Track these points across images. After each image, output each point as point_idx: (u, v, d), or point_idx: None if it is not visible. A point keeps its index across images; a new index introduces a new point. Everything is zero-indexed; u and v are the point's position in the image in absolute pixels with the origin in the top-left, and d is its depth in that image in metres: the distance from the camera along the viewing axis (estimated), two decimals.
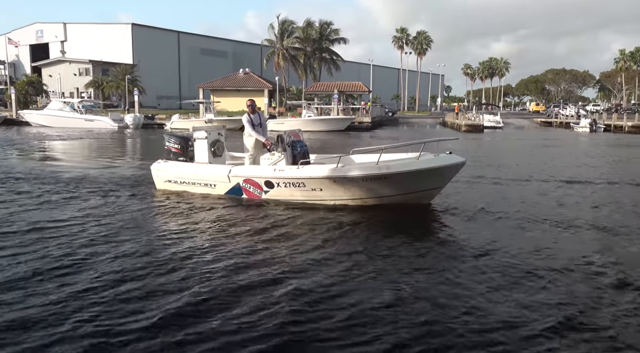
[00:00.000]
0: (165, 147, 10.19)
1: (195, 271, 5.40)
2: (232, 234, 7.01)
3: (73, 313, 4.29)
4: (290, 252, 6.16)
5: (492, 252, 6.20)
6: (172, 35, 79.24)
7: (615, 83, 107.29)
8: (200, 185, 9.57)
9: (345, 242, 6.69)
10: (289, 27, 60.32)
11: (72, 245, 6.24)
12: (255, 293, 4.79)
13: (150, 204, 9.03)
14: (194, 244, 6.47)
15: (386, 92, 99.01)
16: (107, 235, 6.75)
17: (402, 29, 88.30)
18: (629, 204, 9.41)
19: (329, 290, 4.88)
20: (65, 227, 7.19)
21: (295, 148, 9.08)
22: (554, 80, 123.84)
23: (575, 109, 65.45)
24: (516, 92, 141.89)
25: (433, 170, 8.18)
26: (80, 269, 5.39)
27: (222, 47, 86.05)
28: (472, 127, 42.11)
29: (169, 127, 42.80)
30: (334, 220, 7.76)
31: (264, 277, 5.26)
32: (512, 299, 4.73)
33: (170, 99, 73.73)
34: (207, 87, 58.22)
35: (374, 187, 8.34)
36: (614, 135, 38.96)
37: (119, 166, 15.18)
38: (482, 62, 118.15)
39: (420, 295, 4.80)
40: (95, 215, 7.97)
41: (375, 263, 5.76)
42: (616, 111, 62.97)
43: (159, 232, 7.09)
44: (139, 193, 9.98)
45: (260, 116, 9.87)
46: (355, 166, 8.66)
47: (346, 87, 52.45)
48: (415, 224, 7.86)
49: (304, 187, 8.58)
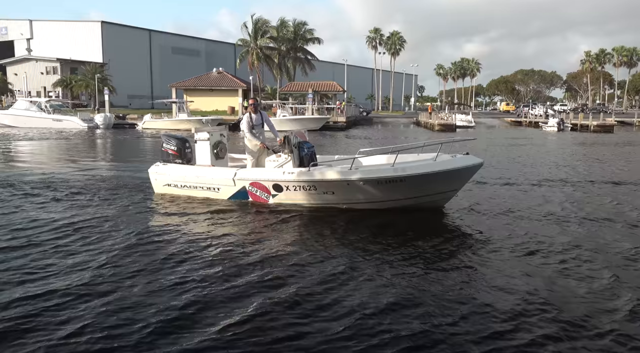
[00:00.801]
0: (162, 149, 9.65)
1: (203, 281, 5.12)
2: (240, 240, 6.65)
3: (63, 324, 4.15)
4: (303, 259, 5.88)
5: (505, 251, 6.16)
6: (144, 34, 77.89)
7: (582, 83, 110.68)
8: (203, 189, 9.07)
9: (357, 247, 6.38)
10: (263, 26, 60.01)
11: (62, 259, 5.80)
12: (264, 300, 4.65)
13: (149, 210, 8.51)
14: (199, 252, 6.11)
15: (360, 91, 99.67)
16: (102, 245, 6.29)
17: (376, 29, 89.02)
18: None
19: (339, 299, 4.70)
20: (51, 239, 6.59)
21: (302, 149, 8.67)
22: (523, 80, 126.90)
23: (543, 109, 67.24)
24: (487, 92, 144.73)
25: (452, 172, 7.84)
26: (70, 282, 5.03)
27: (195, 45, 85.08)
28: (445, 127, 42.73)
29: (140, 127, 42.04)
30: (345, 225, 7.45)
31: (271, 282, 5.11)
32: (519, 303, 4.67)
33: (142, 98, 72.47)
34: (179, 86, 57.37)
35: (389, 190, 7.94)
36: (580, 134, 40.17)
37: (103, 168, 14.59)
38: (454, 63, 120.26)
39: (432, 302, 4.66)
40: (89, 224, 7.37)
41: (388, 271, 5.52)
42: (582, 111, 65.05)
43: (160, 241, 6.60)
44: (136, 198, 9.40)
45: (263, 115, 9.39)
46: (370, 168, 8.28)
47: (321, 87, 52.52)
48: (432, 229, 7.52)
49: (314, 191, 8.20)
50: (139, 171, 13.44)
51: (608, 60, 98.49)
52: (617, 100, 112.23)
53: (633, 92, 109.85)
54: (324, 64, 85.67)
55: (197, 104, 50.41)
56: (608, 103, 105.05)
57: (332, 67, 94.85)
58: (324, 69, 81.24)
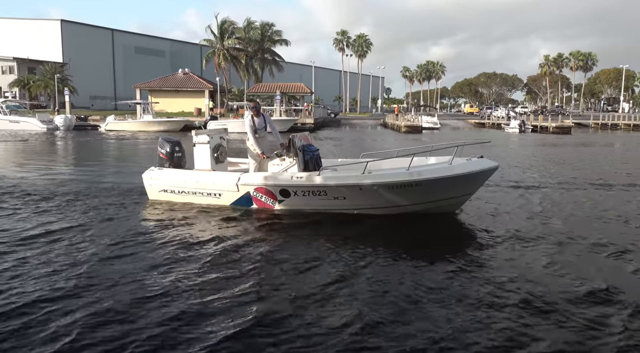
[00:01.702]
0: (158, 153, 9.22)
1: (204, 292, 4.82)
2: (245, 250, 6.26)
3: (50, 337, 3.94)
4: (314, 267, 5.62)
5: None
6: (106, 33, 75.86)
7: (541, 86, 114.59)
8: (203, 195, 8.57)
9: (370, 255, 6.09)
10: (229, 27, 59.46)
11: (46, 270, 5.43)
12: (272, 310, 4.46)
13: (143, 218, 7.95)
14: (201, 262, 5.76)
15: (328, 93, 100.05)
16: (93, 256, 5.86)
17: (343, 32, 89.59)
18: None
19: (355, 309, 4.48)
20: (33, 249, 6.15)
21: (307, 153, 8.34)
22: (486, 83, 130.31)
23: (505, 111, 69.30)
24: (452, 95, 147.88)
25: (468, 176, 7.62)
26: (62, 295, 4.74)
27: (159, 46, 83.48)
28: (412, 128, 43.42)
29: (103, 129, 40.95)
30: (357, 231, 7.15)
31: (279, 292, 4.89)
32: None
33: (104, 99, 70.60)
34: (144, 87, 56.23)
35: (403, 195, 7.67)
36: (540, 135, 41.55)
37: (81, 172, 13.85)
38: (420, 65, 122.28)
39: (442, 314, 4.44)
40: (79, 234, 6.83)
41: (402, 281, 5.26)
42: (542, 113, 67.27)
43: (156, 252, 6.13)
44: (128, 205, 8.81)
45: (266, 118, 8.95)
46: (384, 173, 7.95)
47: (288, 88, 52.47)
48: (447, 236, 7.31)
49: (324, 196, 7.83)
50: (121, 175, 13.06)
51: (565, 64, 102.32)
52: (574, 102, 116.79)
53: (589, 95, 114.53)
54: (292, 66, 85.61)
55: (162, 105, 49.49)
56: (566, 105, 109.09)
57: (300, 68, 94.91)
58: (291, 71, 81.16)
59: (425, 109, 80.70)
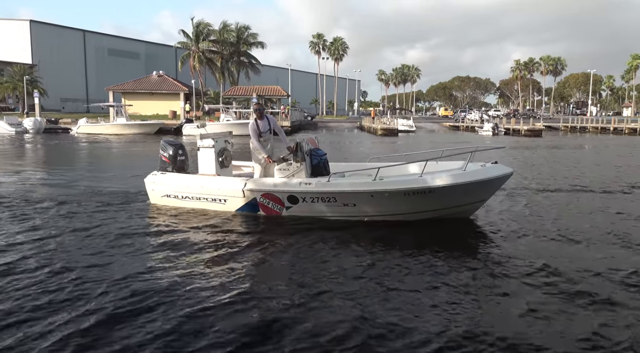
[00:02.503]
0: (160, 157, 8.98)
1: (210, 303, 4.65)
2: (252, 258, 6.03)
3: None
4: (326, 277, 5.42)
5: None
6: (77, 34, 74.25)
7: (513, 90, 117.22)
8: (207, 201, 8.32)
9: (380, 262, 5.91)
10: (205, 29, 58.94)
11: (48, 278, 5.29)
12: (281, 321, 4.32)
13: (145, 224, 7.67)
14: (205, 270, 5.57)
15: (305, 96, 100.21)
16: (94, 265, 5.66)
17: (319, 35, 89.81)
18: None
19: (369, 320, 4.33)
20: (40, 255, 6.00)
21: (315, 157, 8.16)
22: (460, 86, 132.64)
23: (479, 114, 70.65)
24: (427, 98, 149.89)
25: (483, 183, 7.41)
26: (64, 304, 4.61)
27: (133, 48, 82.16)
28: (388, 131, 43.80)
29: (75, 132, 40.05)
30: (367, 239, 6.90)
31: (287, 302, 4.72)
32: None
33: (76, 101, 69.09)
34: (117, 89, 55.27)
35: (415, 202, 7.44)
36: (513, 137, 42.45)
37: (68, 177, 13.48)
38: (395, 69, 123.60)
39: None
40: (77, 242, 6.63)
41: (416, 293, 5.02)
42: (514, 116, 68.88)
43: (158, 259, 5.92)
44: (130, 210, 8.53)
45: (269, 121, 8.63)
46: (396, 179, 7.69)
47: (265, 91, 52.26)
48: (461, 243, 7.03)
49: (334, 202, 7.60)
50: (108, 180, 12.67)
51: (536, 68, 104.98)
52: (545, 106, 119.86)
53: (558, 99, 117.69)
54: (268, 69, 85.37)
55: (136, 107, 48.68)
56: (537, 109, 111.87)
57: (276, 71, 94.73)
58: (268, 74, 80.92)
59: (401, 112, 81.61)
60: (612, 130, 50.83)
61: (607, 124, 52.90)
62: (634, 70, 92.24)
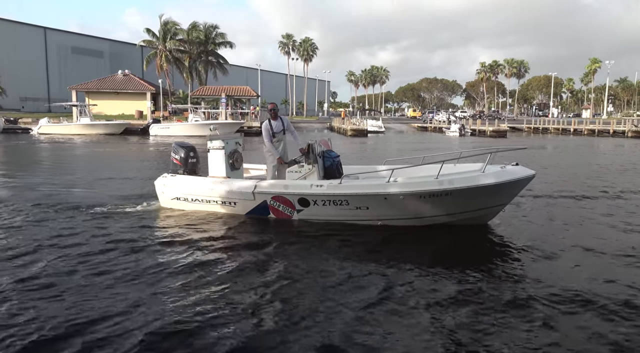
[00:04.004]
0: (171, 159, 8.87)
1: (218, 308, 4.55)
2: (262, 263, 5.87)
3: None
4: (337, 283, 5.25)
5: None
6: (38, 31, 71.66)
7: (478, 92, 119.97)
8: (217, 204, 8.18)
9: (395, 270, 5.68)
10: (172, 28, 57.93)
11: (57, 281, 5.20)
12: (289, 328, 4.23)
13: (155, 227, 7.55)
14: (213, 275, 5.44)
15: (275, 96, 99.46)
16: (102, 270, 5.55)
17: (288, 35, 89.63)
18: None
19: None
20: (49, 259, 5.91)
21: (327, 159, 7.96)
22: (428, 88, 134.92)
23: (446, 115, 72.01)
24: (395, 99, 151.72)
25: (502, 185, 6.95)
26: (73, 309, 4.51)
27: (97, 46, 79.90)
28: (357, 132, 44.11)
29: (36, 132, 38.71)
30: (381, 243, 6.68)
31: (296, 309, 4.60)
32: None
33: (37, 101, 66.75)
34: (81, 88, 53.77)
35: (431, 205, 7.11)
36: (479, 138, 43.45)
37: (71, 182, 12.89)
38: (365, 70, 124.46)
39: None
40: (80, 245, 6.50)
41: (431, 301, 4.80)
42: (480, 117, 70.47)
43: (168, 263, 5.82)
44: (139, 213, 8.41)
45: (283, 122, 8.58)
46: (410, 181, 7.28)
47: (234, 91, 51.78)
48: (478, 250, 6.70)
49: (346, 205, 7.35)
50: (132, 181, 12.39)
51: (500, 70, 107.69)
52: (509, 107, 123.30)
53: (522, 101, 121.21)
54: (238, 69, 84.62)
55: (101, 107, 47.50)
56: (501, 110, 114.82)
57: (246, 71, 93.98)
58: (237, 74, 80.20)
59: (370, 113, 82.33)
60: (573, 131, 52.67)
61: (568, 125, 54.77)
62: (592, 73, 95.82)
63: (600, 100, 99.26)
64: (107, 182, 12.60)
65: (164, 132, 38.55)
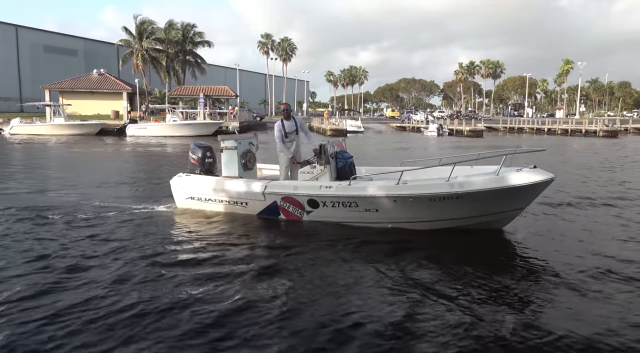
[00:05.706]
0: (189, 159, 8.96)
1: (226, 308, 4.64)
2: (270, 266, 5.85)
3: None
4: (344, 287, 5.24)
5: None
6: (8, 29, 69.76)
7: (456, 92, 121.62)
8: (229, 204, 8.21)
9: (404, 275, 5.60)
10: (149, 27, 57.07)
11: (73, 280, 5.36)
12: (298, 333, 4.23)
13: (171, 226, 7.75)
14: (223, 277, 5.47)
15: (254, 96, 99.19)
16: (120, 267, 5.75)
17: (267, 35, 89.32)
18: None
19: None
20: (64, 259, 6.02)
21: (340, 160, 7.89)
22: (406, 88, 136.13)
23: (424, 115, 72.78)
24: (374, 99, 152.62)
25: (518, 189, 6.62)
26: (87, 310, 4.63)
27: (71, 44, 78.19)
28: (337, 132, 44.19)
29: (7, 133, 37.72)
30: (390, 247, 6.54)
31: (304, 310, 4.62)
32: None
33: (8, 100, 65.02)
34: (54, 88, 52.50)
35: (442, 208, 6.91)
36: (456, 138, 44.08)
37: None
38: (344, 70, 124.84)
39: None
40: (103, 243, 6.67)
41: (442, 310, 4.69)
42: (457, 117, 71.47)
43: (177, 263, 5.96)
44: (155, 213, 8.57)
45: (296, 122, 8.55)
46: (421, 183, 7.07)
47: (212, 91, 51.29)
48: (491, 257, 6.46)
49: (355, 207, 7.27)
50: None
51: (477, 71, 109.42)
52: (486, 107, 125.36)
53: (498, 101, 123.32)
54: (216, 68, 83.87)
55: (75, 107, 46.52)
56: (478, 110, 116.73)
57: (225, 71, 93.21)
58: (215, 74, 79.49)
59: (349, 113, 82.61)
60: (547, 131, 53.85)
61: (542, 125, 55.99)
62: (565, 74, 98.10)
63: (573, 101, 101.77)
64: (102, 184, 12.39)
65: (141, 133, 37.98)
